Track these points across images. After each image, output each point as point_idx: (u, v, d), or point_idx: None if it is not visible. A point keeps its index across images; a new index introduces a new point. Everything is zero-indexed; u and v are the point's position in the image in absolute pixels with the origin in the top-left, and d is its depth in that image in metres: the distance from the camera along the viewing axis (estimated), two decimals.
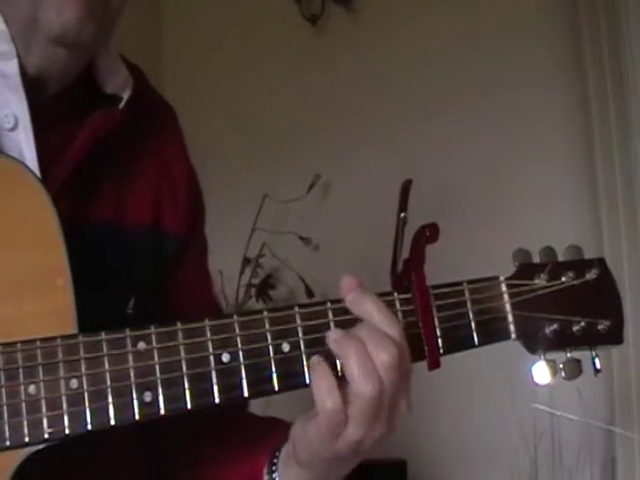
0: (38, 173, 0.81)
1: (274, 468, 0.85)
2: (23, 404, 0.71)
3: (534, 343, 0.83)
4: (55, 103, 0.88)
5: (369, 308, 0.76)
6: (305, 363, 0.76)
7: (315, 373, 0.74)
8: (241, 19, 2.77)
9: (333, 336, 0.75)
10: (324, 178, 2.51)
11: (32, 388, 0.71)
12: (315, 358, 0.75)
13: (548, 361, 0.83)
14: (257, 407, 0.98)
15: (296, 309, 0.78)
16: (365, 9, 2.56)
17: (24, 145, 0.83)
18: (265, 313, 0.77)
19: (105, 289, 0.87)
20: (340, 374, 0.75)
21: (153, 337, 0.74)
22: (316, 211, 2.53)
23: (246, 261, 2.54)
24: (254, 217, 2.52)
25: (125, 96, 0.91)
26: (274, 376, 0.76)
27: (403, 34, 2.45)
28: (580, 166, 2.17)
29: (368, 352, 0.73)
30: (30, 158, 0.82)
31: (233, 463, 0.90)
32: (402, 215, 0.83)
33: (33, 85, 0.85)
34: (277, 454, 0.85)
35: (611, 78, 2.09)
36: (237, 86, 2.74)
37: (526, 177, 2.20)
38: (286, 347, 0.77)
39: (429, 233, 0.81)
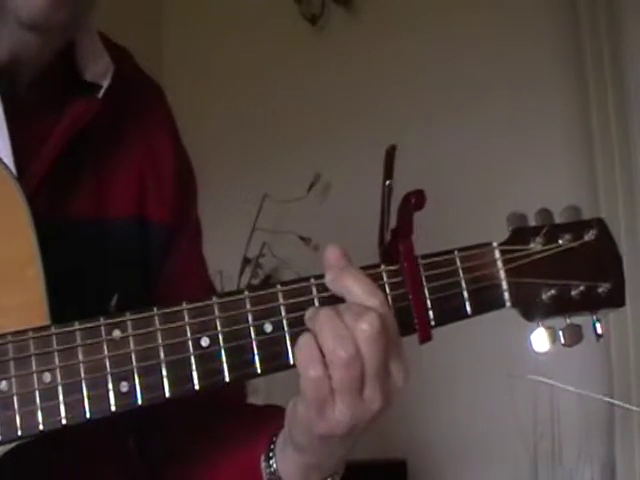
0: (13, 167, 0.79)
1: (271, 454, 0.82)
2: None
3: (531, 310, 0.80)
4: (32, 93, 0.85)
5: (348, 283, 0.73)
6: (289, 343, 0.73)
7: (298, 345, 0.71)
8: (241, 19, 2.77)
9: (307, 313, 0.73)
10: (324, 178, 2.51)
11: (4, 384, 0.69)
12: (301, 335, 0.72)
13: (547, 328, 0.80)
14: (259, 398, 0.98)
15: (278, 287, 0.74)
16: (365, 9, 2.56)
17: None
18: (246, 293, 0.74)
19: (87, 285, 0.85)
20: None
21: (129, 324, 0.71)
22: (316, 211, 2.53)
23: (246, 261, 2.54)
24: (254, 217, 2.51)
25: (105, 84, 0.87)
26: (256, 359, 0.72)
27: (403, 34, 2.45)
28: (580, 165, 2.17)
29: (344, 322, 0.70)
30: (5, 152, 0.79)
31: (230, 457, 0.88)
32: (387, 183, 0.79)
33: (5, 76, 0.82)
34: (274, 439, 0.83)
35: (611, 78, 2.08)
36: (237, 86, 2.74)
37: (526, 178, 2.20)
38: (268, 327, 0.73)
39: (415, 200, 0.77)
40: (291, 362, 0.73)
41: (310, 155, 2.55)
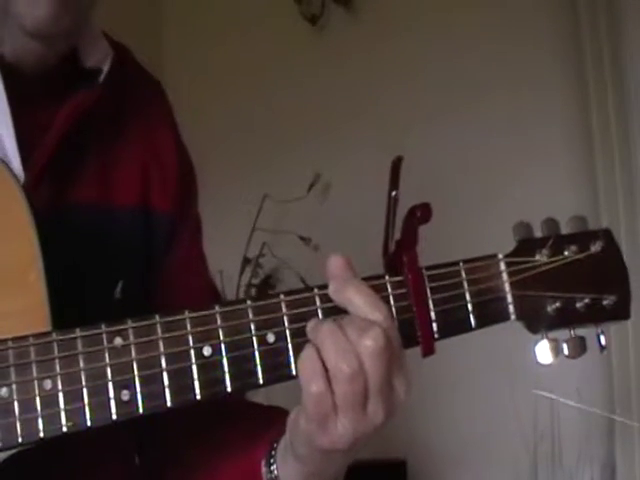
0: (18, 158, 0.79)
1: (272, 460, 0.81)
2: None
3: (535, 323, 0.79)
4: (36, 84, 0.85)
5: (351, 295, 0.72)
6: (292, 354, 0.72)
7: (300, 359, 0.70)
8: (241, 19, 2.77)
9: (309, 325, 0.72)
10: (324, 178, 2.51)
11: (4, 391, 0.68)
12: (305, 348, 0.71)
13: (551, 340, 0.79)
14: (259, 399, 0.97)
15: (281, 297, 0.74)
16: (365, 9, 2.55)
17: (3, 130, 0.80)
18: (248, 302, 0.73)
19: (91, 273, 0.85)
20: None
21: (130, 332, 0.70)
22: (316, 211, 2.53)
23: (246, 261, 2.54)
24: (254, 217, 2.51)
25: (105, 68, 0.88)
26: (259, 369, 0.72)
27: (403, 34, 2.45)
28: (580, 165, 2.17)
29: (347, 336, 0.69)
30: (9, 143, 0.80)
31: (229, 461, 0.88)
32: (393, 194, 0.78)
33: (10, 70, 0.82)
34: (275, 445, 0.82)
35: (611, 78, 2.08)
36: (237, 86, 2.73)
37: (526, 178, 2.20)
38: (271, 338, 0.73)
39: (420, 214, 0.77)
40: (294, 373, 0.73)
41: (310, 155, 2.55)
